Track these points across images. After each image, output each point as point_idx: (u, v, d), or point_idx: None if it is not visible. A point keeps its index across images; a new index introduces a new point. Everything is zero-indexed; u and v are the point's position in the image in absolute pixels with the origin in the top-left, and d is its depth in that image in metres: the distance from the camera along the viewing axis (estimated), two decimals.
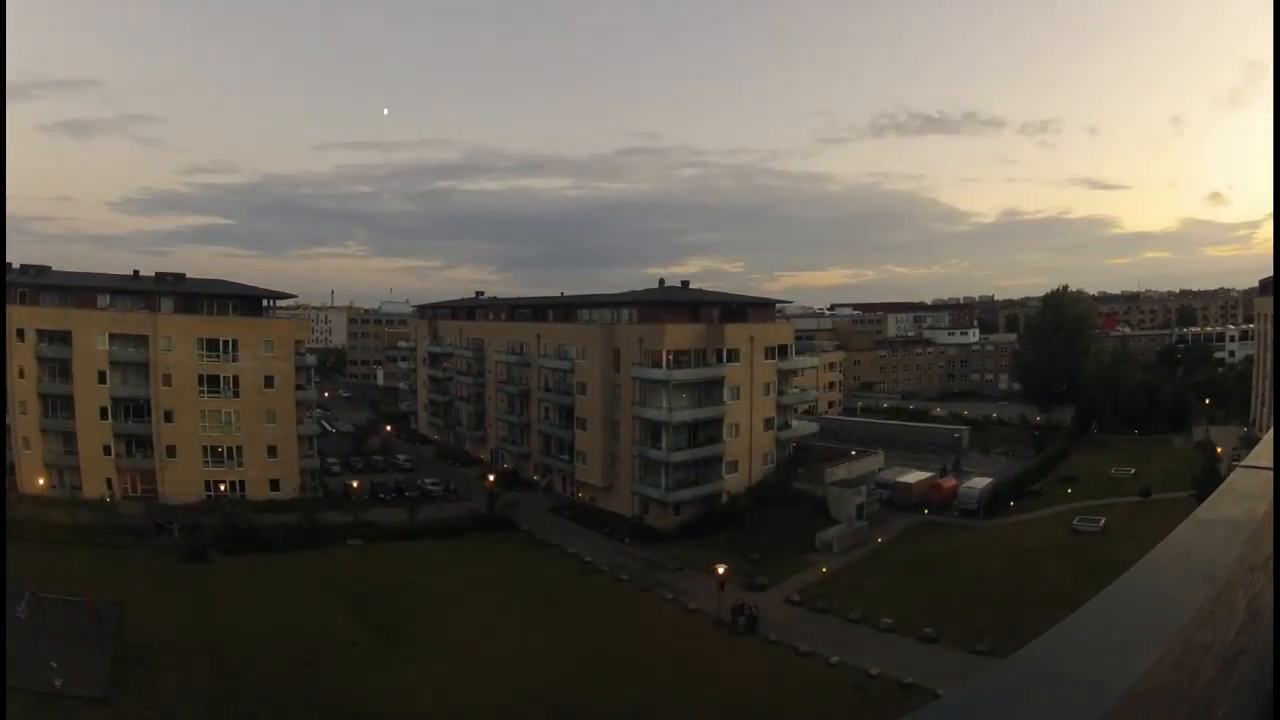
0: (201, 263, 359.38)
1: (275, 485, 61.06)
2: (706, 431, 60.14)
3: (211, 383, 60.82)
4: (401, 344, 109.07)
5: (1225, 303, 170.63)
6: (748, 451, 62.40)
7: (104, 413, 59.01)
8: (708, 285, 77.45)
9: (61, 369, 59.20)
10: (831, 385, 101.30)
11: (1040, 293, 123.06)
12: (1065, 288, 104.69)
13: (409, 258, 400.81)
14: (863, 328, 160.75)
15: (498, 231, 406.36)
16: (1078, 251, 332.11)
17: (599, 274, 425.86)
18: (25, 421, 57.85)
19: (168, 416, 59.44)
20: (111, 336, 59.74)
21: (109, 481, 58.42)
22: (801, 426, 69.59)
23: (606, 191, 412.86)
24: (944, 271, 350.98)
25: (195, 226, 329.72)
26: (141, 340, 60.00)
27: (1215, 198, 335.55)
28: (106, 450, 58.95)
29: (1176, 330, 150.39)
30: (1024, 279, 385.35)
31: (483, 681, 33.90)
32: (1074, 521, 52.02)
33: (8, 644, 24.84)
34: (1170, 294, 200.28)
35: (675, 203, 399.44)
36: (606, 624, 40.46)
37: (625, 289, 72.25)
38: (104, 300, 62.34)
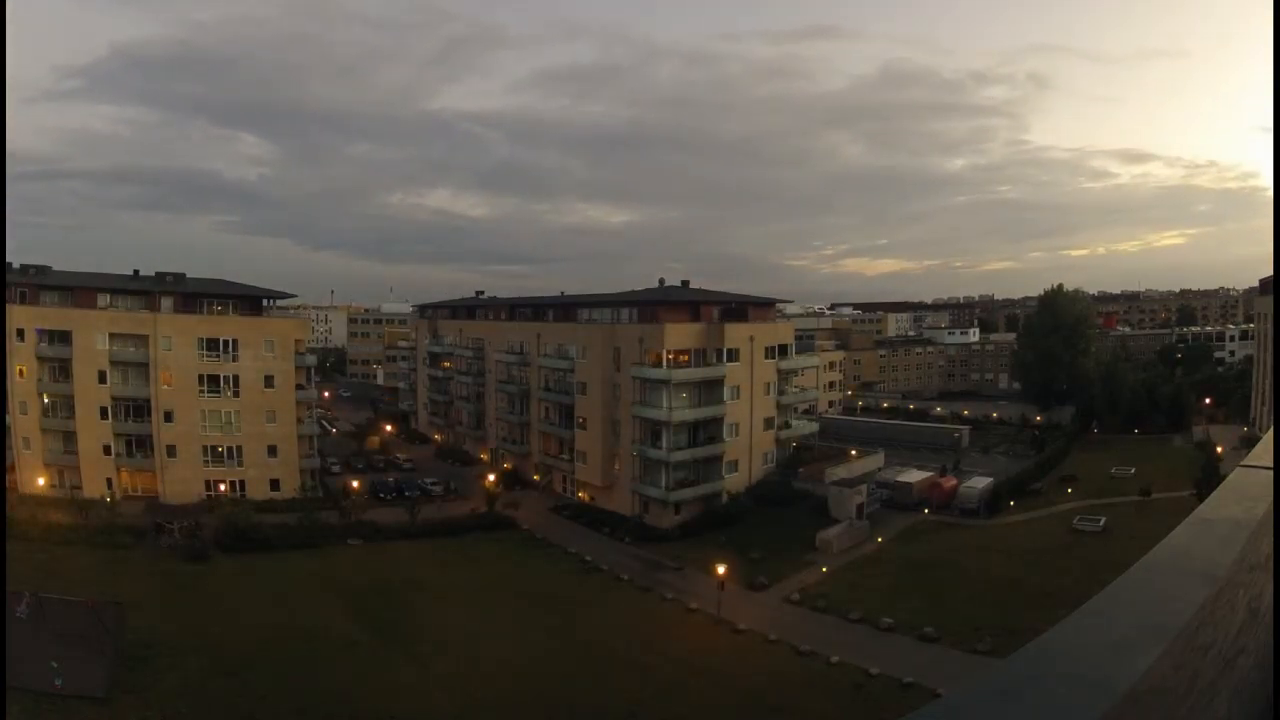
0: None
1: (275, 485, 61.05)
2: (706, 431, 60.13)
3: (211, 382, 60.80)
4: (401, 344, 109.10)
5: (1225, 302, 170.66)
6: (748, 451, 62.38)
7: (104, 412, 58.98)
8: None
9: (61, 368, 59.18)
10: (832, 385, 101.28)
11: None
12: (1061, 286, 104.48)
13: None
14: (863, 327, 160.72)
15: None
16: None
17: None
18: (25, 421, 57.80)
19: (168, 416, 59.42)
20: (112, 336, 59.69)
21: (109, 481, 58.39)
22: (802, 426, 69.54)
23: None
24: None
25: None
26: (142, 340, 59.97)
27: None
28: (106, 450, 58.92)
29: (1176, 330, 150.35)
30: None
31: (483, 680, 33.91)
32: (1074, 521, 52.06)
33: (8, 644, 24.84)
34: (1170, 293, 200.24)
35: None
36: (606, 623, 40.46)
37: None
38: (104, 300, 62.29)
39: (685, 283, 70.53)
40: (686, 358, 59.69)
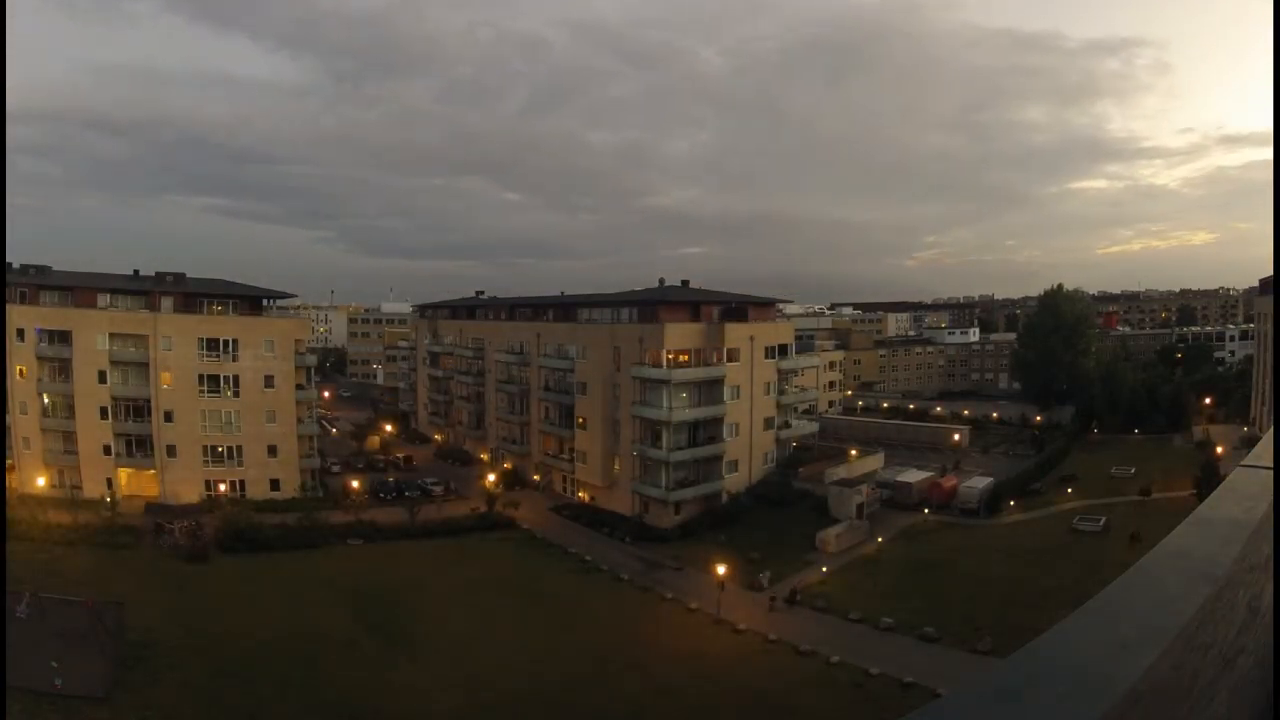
0: None
1: (275, 485, 61.03)
2: (707, 431, 60.12)
3: (212, 382, 60.77)
4: (401, 344, 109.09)
5: (1225, 302, 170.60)
6: (748, 451, 62.37)
7: (104, 412, 58.96)
8: None
9: (61, 368, 59.17)
10: (832, 385, 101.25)
11: None
12: (1061, 286, 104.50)
13: None
14: (863, 327, 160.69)
15: None
16: None
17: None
18: (25, 421, 57.82)
19: (168, 416, 59.40)
20: (112, 336, 59.67)
21: (109, 481, 58.31)
22: (802, 426, 69.54)
23: None
24: None
25: None
26: (142, 339, 59.95)
27: None
28: (106, 450, 58.89)
29: (1176, 329, 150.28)
30: None
31: (483, 680, 33.90)
32: (1074, 521, 52.05)
33: (8, 644, 24.83)
34: (1170, 293, 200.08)
35: None
36: (607, 623, 40.48)
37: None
38: (104, 299, 62.28)
39: (685, 282, 70.52)
40: (686, 358, 59.68)
